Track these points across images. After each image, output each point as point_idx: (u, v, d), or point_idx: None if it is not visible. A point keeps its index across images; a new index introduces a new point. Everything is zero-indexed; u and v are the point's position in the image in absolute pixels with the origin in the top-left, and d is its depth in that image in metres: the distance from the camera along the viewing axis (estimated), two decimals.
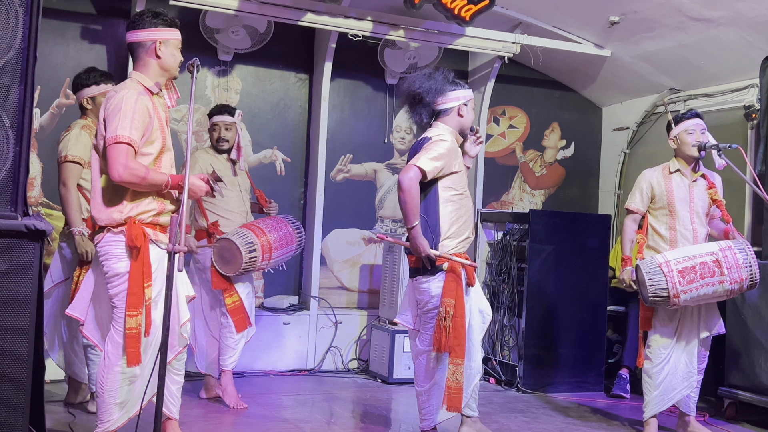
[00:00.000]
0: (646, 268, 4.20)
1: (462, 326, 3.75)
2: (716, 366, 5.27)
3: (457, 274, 3.78)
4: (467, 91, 4.00)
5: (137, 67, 3.34)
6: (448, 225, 3.84)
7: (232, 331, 4.69)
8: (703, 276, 4.11)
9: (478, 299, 4.00)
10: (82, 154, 4.26)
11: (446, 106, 3.94)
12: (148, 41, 3.29)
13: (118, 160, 3.10)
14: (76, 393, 4.52)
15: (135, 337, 3.17)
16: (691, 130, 4.44)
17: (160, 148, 3.30)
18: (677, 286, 4.11)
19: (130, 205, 3.23)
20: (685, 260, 4.15)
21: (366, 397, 5.29)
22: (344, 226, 6.50)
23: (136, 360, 3.18)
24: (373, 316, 6.20)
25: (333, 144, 6.35)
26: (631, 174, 7.00)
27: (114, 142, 3.11)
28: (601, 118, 7.41)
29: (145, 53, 3.30)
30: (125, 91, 3.21)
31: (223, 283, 4.64)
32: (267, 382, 5.60)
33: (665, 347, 4.39)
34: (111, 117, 3.15)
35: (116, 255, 3.22)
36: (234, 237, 4.57)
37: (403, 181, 3.72)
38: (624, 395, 5.61)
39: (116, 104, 3.16)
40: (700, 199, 4.45)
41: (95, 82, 4.39)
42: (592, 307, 5.86)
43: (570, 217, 6.09)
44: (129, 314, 3.17)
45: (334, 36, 5.95)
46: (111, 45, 5.72)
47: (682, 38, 5.76)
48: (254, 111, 6.21)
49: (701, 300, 4.22)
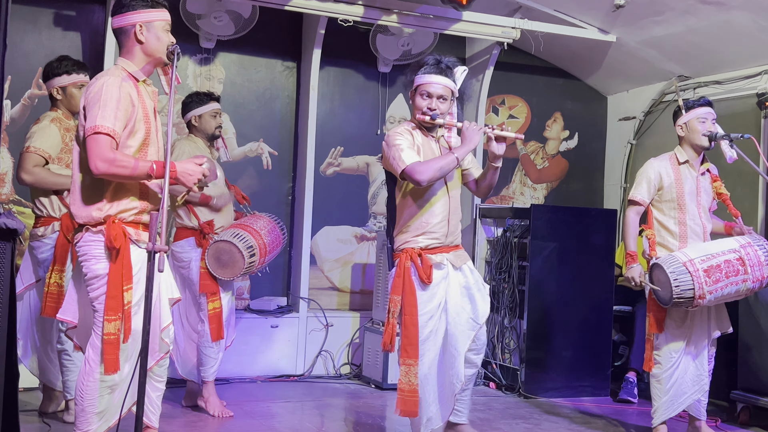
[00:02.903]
0: (670, 267, 4.15)
1: (412, 324, 3.77)
2: (728, 369, 5.32)
3: (404, 269, 3.82)
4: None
5: (122, 54, 3.33)
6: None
7: (209, 340, 4.69)
8: (728, 275, 4.10)
9: (467, 301, 3.94)
10: (47, 149, 4.24)
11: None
12: (128, 26, 3.27)
13: (98, 153, 3.07)
14: (51, 401, 4.51)
15: (113, 344, 3.16)
16: (703, 118, 4.44)
17: (143, 140, 3.26)
18: (704, 287, 4.08)
19: (110, 203, 3.21)
20: (708, 258, 4.12)
21: (359, 404, 5.29)
22: (335, 223, 6.50)
23: (114, 367, 3.17)
24: (366, 318, 6.20)
25: (322, 136, 6.34)
26: (638, 166, 6.85)
27: (93, 132, 3.07)
28: (606, 107, 7.40)
29: (128, 39, 3.29)
30: (106, 78, 3.18)
31: (212, 287, 4.65)
32: (254, 388, 5.60)
33: (676, 351, 4.40)
34: (91, 105, 3.12)
35: (95, 256, 3.20)
36: (235, 239, 4.58)
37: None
38: (631, 400, 5.61)
39: (97, 92, 3.13)
40: (706, 192, 4.49)
41: (66, 71, 4.38)
42: (597, 306, 5.87)
43: (574, 212, 6.10)
44: (107, 319, 3.14)
45: (323, 21, 5.93)
46: (86, 32, 5.68)
47: (691, 22, 5.75)
48: (238, 101, 6.20)
49: (722, 300, 4.23)
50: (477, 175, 4.07)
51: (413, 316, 3.78)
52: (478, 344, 3.98)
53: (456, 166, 3.80)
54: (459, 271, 3.95)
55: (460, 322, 3.88)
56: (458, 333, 3.87)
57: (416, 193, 3.87)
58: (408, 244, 3.88)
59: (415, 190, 3.86)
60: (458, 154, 3.78)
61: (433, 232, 3.88)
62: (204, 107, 4.85)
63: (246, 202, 5.15)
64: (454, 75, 3.90)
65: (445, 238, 3.91)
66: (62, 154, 4.29)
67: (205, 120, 4.84)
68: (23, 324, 4.41)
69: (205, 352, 4.70)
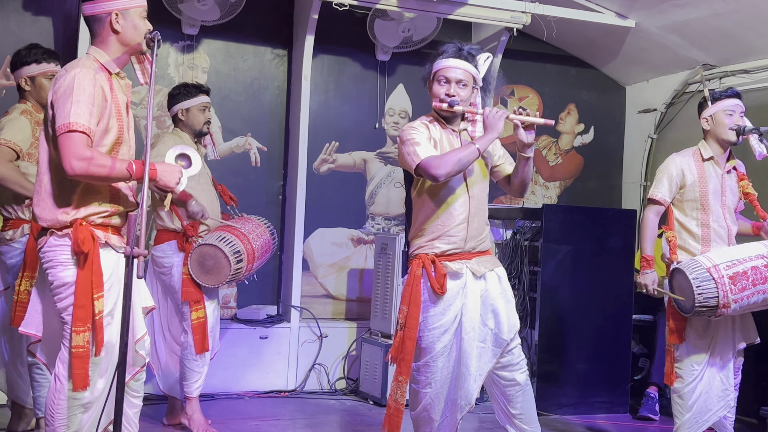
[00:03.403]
0: (693, 273, 4.09)
1: (410, 339, 3.65)
2: (758, 383, 5.22)
3: (414, 277, 3.69)
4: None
5: (95, 43, 3.25)
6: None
7: (193, 353, 4.64)
8: (755, 282, 4.04)
9: (489, 314, 3.75)
10: (19, 142, 4.17)
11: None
12: (103, 14, 3.19)
13: (74, 152, 2.99)
14: (21, 420, 4.43)
15: (82, 357, 3.07)
16: (731, 110, 4.36)
17: (115, 139, 3.19)
18: (729, 295, 4.02)
19: (78, 206, 3.14)
20: (734, 264, 4.07)
21: (356, 422, 5.24)
22: (330, 225, 6.48)
23: (83, 383, 3.08)
24: (364, 329, 6.13)
25: (316, 130, 6.30)
26: (659, 162, 6.85)
27: (67, 130, 3.00)
28: (625, 98, 7.42)
29: (102, 28, 3.21)
30: (78, 69, 3.09)
31: (196, 294, 4.61)
32: (241, 405, 5.55)
33: (698, 363, 4.30)
34: (62, 100, 3.04)
35: (62, 262, 3.12)
36: (220, 243, 4.54)
37: None
38: (653, 417, 5.54)
39: (68, 85, 3.05)
40: (732, 192, 4.42)
41: (36, 60, 4.32)
42: (615, 316, 5.82)
43: (589, 213, 6.04)
44: (75, 330, 3.06)
45: (317, 5, 5.85)
46: (58, 18, 5.66)
47: (717, 6, 5.70)
48: (224, 93, 6.18)
49: (748, 309, 4.17)
50: (510, 171, 3.87)
51: (412, 330, 3.65)
52: (513, 360, 3.74)
53: (477, 157, 3.59)
54: (481, 280, 3.74)
55: (475, 338, 3.70)
56: (471, 350, 3.68)
57: (432, 192, 3.70)
58: (422, 249, 3.72)
59: (431, 189, 3.70)
60: (479, 144, 3.57)
61: (452, 235, 3.69)
62: (192, 100, 4.79)
63: (233, 203, 5.12)
64: (477, 62, 3.75)
65: (465, 243, 3.71)
66: (32, 149, 4.22)
67: (192, 114, 4.78)
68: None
69: (188, 365, 4.64)
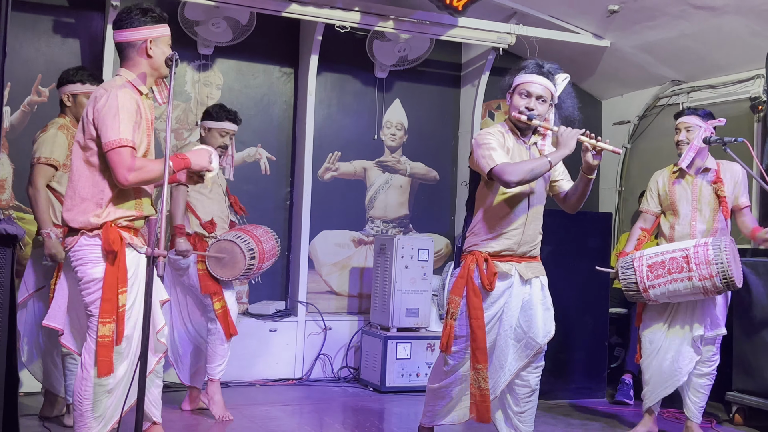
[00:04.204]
0: (622, 263, 4.51)
1: (479, 328, 3.65)
2: (723, 370, 5.22)
3: (468, 271, 3.70)
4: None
5: (126, 66, 3.36)
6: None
7: (222, 338, 4.69)
8: (671, 271, 4.32)
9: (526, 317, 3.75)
10: (57, 157, 4.29)
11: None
12: (138, 41, 3.31)
13: (126, 165, 3.14)
14: (52, 406, 4.52)
15: (107, 346, 3.18)
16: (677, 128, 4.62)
17: (143, 152, 3.31)
18: (645, 281, 4.38)
19: (110, 209, 3.25)
20: (657, 255, 4.39)
21: (357, 407, 5.30)
22: (333, 227, 6.51)
23: (107, 370, 3.18)
24: (364, 322, 6.22)
25: (320, 141, 6.35)
26: (633, 170, 7.02)
27: (117, 146, 3.14)
28: (601, 111, 7.43)
29: (136, 53, 3.33)
30: (117, 90, 3.22)
31: (214, 287, 4.66)
32: (253, 392, 5.60)
33: (652, 342, 4.62)
34: (107, 118, 3.16)
35: (92, 260, 3.23)
36: (237, 240, 4.59)
37: None
38: (627, 402, 5.63)
39: (110, 104, 3.17)
40: (705, 194, 4.56)
41: (81, 80, 4.43)
42: (593, 309, 5.85)
43: (569, 216, 5.69)
44: (102, 321, 3.17)
45: (320, 27, 5.94)
46: (85, 39, 5.70)
47: (684, 27, 5.78)
48: (237, 107, 5.78)
49: (677, 296, 4.39)
50: (567, 187, 3.88)
51: (479, 320, 3.66)
52: (536, 363, 3.78)
53: (548, 170, 3.58)
54: (527, 285, 3.76)
55: (511, 336, 3.73)
56: (506, 346, 3.73)
57: (497, 196, 3.72)
58: (477, 246, 3.74)
59: (497, 193, 3.71)
60: (552, 158, 3.56)
61: (507, 238, 3.71)
62: (216, 123, 4.81)
63: (243, 214, 5.16)
64: (555, 80, 3.74)
65: (518, 247, 3.73)
66: (67, 160, 4.31)
67: (212, 134, 4.82)
68: (28, 329, 4.44)
69: (214, 349, 4.70)
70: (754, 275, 5.02)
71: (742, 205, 4.62)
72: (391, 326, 5.79)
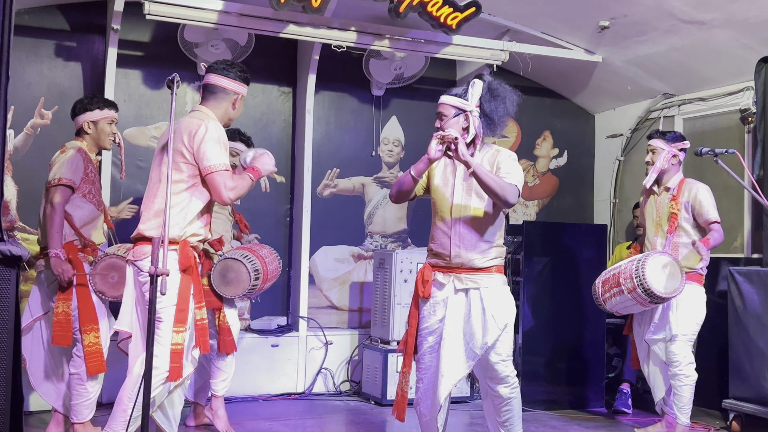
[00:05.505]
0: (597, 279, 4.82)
1: (410, 336, 3.79)
2: (720, 378, 5.32)
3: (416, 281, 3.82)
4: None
5: (209, 105, 3.71)
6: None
7: (222, 353, 4.67)
8: (612, 287, 4.64)
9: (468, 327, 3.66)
10: (75, 178, 4.32)
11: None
12: (232, 92, 3.73)
13: (227, 185, 3.51)
14: (60, 427, 4.48)
15: (180, 353, 3.45)
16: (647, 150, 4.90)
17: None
18: (600, 296, 4.74)
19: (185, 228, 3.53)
20: (608, 272, 4.74)
21: (359, 420, 5.27)
22: (332, 243, 6.51)
23: (178, 375, 3.45)
24: (365, 336, 6.20)
25: (319, 158, 6.37)
26: (626, 182, 7.04)
27: (220, 169, 3.51)
28: (594, 125, 7.44)
29: (225, 100, 3.73)
30: (210, 122, 3.58)
31: (216, 303, 4.64)
32: (256, 407, 5.58)
33: (640, 346, 4.94)
34: (207, 145, 3.51)
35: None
36: (244, 259, 4.58)
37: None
38: (626, 410, 5.61)
39: (208, 134, 3.52)
40: (664, 211, 4.80)
41: (98, 107, 4.53)
42: (590, 319, 5.84)
43: (565, 228, 6.10)
44: (176, 330, 3.45)
45: (318, 47, 5.98)
46: (86, 62, 5.72)
47: (674, 41, 5.80)
48: (236, 126, 6.01)
49: (629, 307, 4.66)
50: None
51: (412, 327, 3.79)
52: (496, 375, 3.67)
53: (410, 183, 3.64)
54: (463, 295, 3.67)
55: (451, 345, 3.65)
56: (446, 355, 3.64)
57: (433, 208, 3.81)
58: (427, 257, 3.82)
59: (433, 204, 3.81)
60: (414, 169, 3.66)
61: (438, 250, 3.71)
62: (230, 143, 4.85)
63: (246, 231, 5.17)
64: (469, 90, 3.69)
65: (450, 259, 3.66)
66: (82, 183, 4.37)
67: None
68: (36, 352, 4.43)
69: (217, 365, 4.69)
70: (747, 283, 5.01)
71: (708, 221, 4.70)
72: (392, 340, 5.77)
